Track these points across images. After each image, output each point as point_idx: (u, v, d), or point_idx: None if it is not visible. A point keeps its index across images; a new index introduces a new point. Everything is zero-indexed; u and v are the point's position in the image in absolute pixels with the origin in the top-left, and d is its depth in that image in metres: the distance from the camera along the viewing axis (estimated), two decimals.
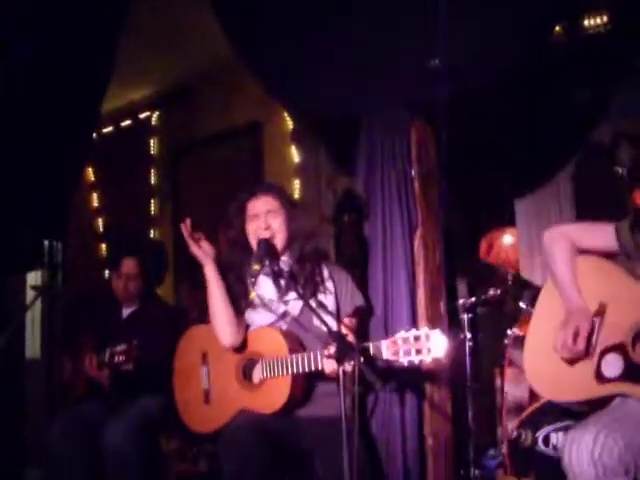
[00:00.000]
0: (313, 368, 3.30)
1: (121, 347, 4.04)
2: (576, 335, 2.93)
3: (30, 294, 5.28)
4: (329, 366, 3.24)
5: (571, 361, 2.96)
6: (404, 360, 3.12)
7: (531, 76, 4.35)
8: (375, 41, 3.98)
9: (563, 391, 3.02)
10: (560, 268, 3.07)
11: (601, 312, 2.97)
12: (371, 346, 3.19)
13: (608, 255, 3.05)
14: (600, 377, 2.90)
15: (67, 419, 4.13)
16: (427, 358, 3.10)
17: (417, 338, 3.11)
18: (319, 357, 3.28)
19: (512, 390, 4.30)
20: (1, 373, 4.20)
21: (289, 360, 3.35)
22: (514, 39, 3.84)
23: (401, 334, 3.15)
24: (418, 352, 3.09)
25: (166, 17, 5.48)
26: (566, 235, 3.11)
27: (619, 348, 2.88)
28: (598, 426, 2.61)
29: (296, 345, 3.45)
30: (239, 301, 3.59)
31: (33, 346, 6.13)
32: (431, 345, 3.08)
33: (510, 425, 3.99)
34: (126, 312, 4.57)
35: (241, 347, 3.55)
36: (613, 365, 2.88)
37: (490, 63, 3.90)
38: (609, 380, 2.88)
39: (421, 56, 3.93)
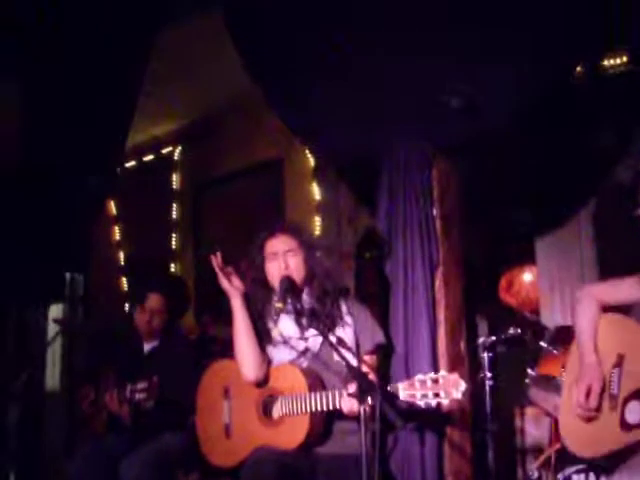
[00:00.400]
0: (331, 407, 3.31)
1: (142, 384, 4.05)
2: (588, 393, 2.96)
3: (52, 327, 5.30)
4: (347, 405, 3.26)
5: (587, 419, 2.98)
6: (421, 402, 3.12)
7: (552, 116, 4.38)
8: (397, 80, 4.03)
9: (594, 445, 3.06)
10: (581, 325, 3.19)
11: (619, 363, 3.05)
12: (389, 387, 3.21)
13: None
14: (625, 425, 2.91)
15: (89, 452, 4.12)
16: (444, 401, 3.11)
17: (435, 381, 3.12)
18: (337, 396, 3.29)
19: (532, 430, 4.29)
20: (21, 406, 4.20)
21: (308, 398, 3.37)
22: (536, 79, 3.86)
23: (419, 377, 3.16)
24: (436, 395, 3.10)
25: (189, 54, 5.55)
26: (591, 294, 3.24)
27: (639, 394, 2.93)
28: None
29: (316, 382, 3.46)
30: (260, 338, 3.61)
31: (53, 379, 6.13)
32: (449, 388, 3.09)
33: (531, 466, 3.96)
34: (147, 347, 4.56)
35: (263, 383, 3.56)
36: (636, 411, 2.90)
37: (511, 103, 3.93)
38: (634, 426, 2.89)
39: (443, 95, 3.96)
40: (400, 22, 3.99)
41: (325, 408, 3.33)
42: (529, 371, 4.34)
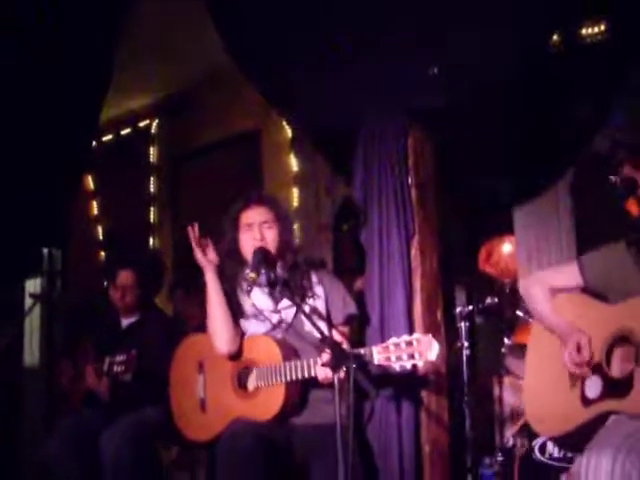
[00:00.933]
0: (306, 375, 3.30)
1: (120, 357, 4.05)
2: (579, 348, 2.98)
3: (29, 302, 5.27)
4: (322, 373, 3.24)
5: (582, 376, 3.01)
6: (396, 365, 3.11)
7: (529, 85, 4.35)
8: (373, 50, 3.99)
9: (558, 424, 3.08)
10: (541, 306, 3.26)
11: None
12: (362, 351, 3.19)
13: None
14: (585, 400, 2.95)
15: (65, 428, 4.12)
16: (419, 362, 3.10)
17: (409, 343, 3.10)
18: (312, 364, 3.28)
19: (509, 398, 4.30)
20: None
21: (282, 368, 3.36)
22: (512, 47, 3.84)
23: (393, 340, 3.14)
24: (410, 357, 3.08)
25: (165, 26, 5.50)
26: (539, 279, 3.34)
27: (597, 369, 2.98)
28: (612, 448, 2.63)
29: (290, 353, 3.45)
30: (233, 311, 3.58)
31: (31, 354, 6.11)
32: (423, 349, 3.07)
33: (507, 434, 3.98)
34: (125, 322, 4.55)
35: (236, 355, 3.54)
36: (594, 385, 2.96)
37: (487, 71, 3.91)
38: (593, 401, 2.93)
39: (419, 64, 3.94)
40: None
41: (300, 377, 3.31)
42: (505, 340, 4.37)
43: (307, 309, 3.26)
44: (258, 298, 3.60)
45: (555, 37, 4.52)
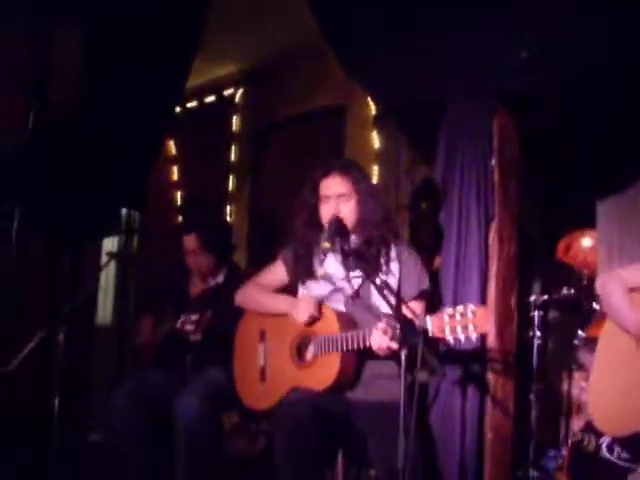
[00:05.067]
0: (361, 346, 3.28)
1: (194, 316, 4.10)
2: None
3: (105, 260, 5.35)
4: (376, 343, 3.22)
5: None
6: (450, 337, 3.01)
7: (622, 74, 4.23)
8: (462, 28, 3.92)
9: (628, 423, 3.07)
10: (619, 303, 3.21)
11: None
12: (416, 322, 3.09)
13: None
14: None
15: (134, 383, 4.17)
16: (472, 335, 2.99)
17: (463, 314, 2.98)
18: (367, 334, 3.26)
19: (579, 393, 4.21)
20: (71, 338, 4.26)
21: (337, 337, 3.36)
22: (608, 36, 3.72)
23: (447, 310, 3.03)
24: (464, 329, 2.97)
25: None
26: (617, 276, 3.31)
27: None
28: None
29: (349, 323, 3.45)
30: (302, 276, 3.61)
31: (104, 313, 6.22)
32: (477, 321, 2.95)
33: (573, 428, 3.90)
34: (207, 285, 4.58)
35: (298, 325, 3.55)
36: None
37: (580, 58, 3.80)
38: None
39: (509, 46, 3.85)
40: None
41: (355, 347, 3.30)
42: (579, 332, 4.27)
43: (378, 282, 3.22)
44: (331, 265, 3.59)
45: None
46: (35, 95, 5.08)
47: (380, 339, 3.19)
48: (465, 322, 2.97)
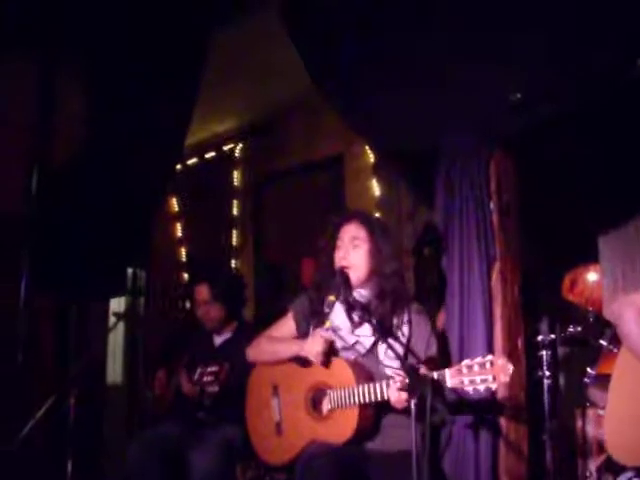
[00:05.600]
0: (379, 398, 3.27)
1: (212, 367, 4.09)
2: None
3: (113, 320, 5.37)
4: (394, 396, 3.21)
5: None
6: (469, 388, 3.04)
7: (618, 109, 4.27)
8: (456, 73, 3.97)
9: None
10: (631, 328, 3.15)
11: None
12: (435, 374, 3.12)
13: None
14: None
15: (148, 437, 4.16)
16: (492, 385, 3.02)
17: (482, 365, 3.02)
18: (385, 387, 3.25)
19: (592, 431, 4.18)
20: (81, 398, 4.26)
21: (355, 390, 3.34)
22: (598, 71, 3.77)
23: (466, 362, 3.08)
24: (483, 381, 3.00)
25: (250, 51, 5.57)
26: (632, 301, 3.22)
27: None
28: None
29: (364, 376, 3.43)
30: (315, 324, 3.60)
31: (114, 372, 6.22)
32: (497, 372, 2.99)
33: (589, 467, 3.87)
34: (218, 340, 4.60)
35: (310, 378, 3.55)
36: None
37: (573, 95, 3.84)
38: None
39: (503, 88, 3.90)
40: (460, 16, 3.94)
41: (373, 400, 3.29)
42: (589, 370, 4.25)
43: (384, 343, 3.24)
44: (338, 316, 3.58)
45: None
46: (37, 159, 5.14)
47: (399, 393, 3.17)
48: (483, 373, 3.00)
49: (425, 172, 4.28)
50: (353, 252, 3.55)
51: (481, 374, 3.01)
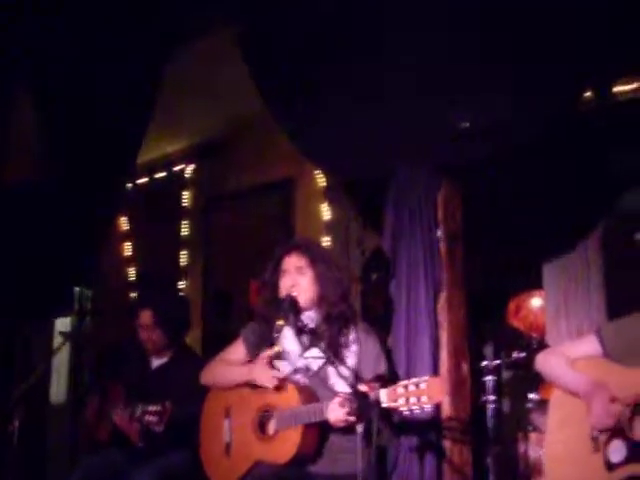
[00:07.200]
0: (318, 418, 3.32)
1: (154, 407, 4.00)
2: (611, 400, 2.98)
3: (58, 339, 5.32)
4: (332, 416, 3.26)
5: (612, 428, 3.00)
6: (404, 408, 3.07)
7: (561, 140, 4.38)
8: (404, 103, 4.05)
9: None
10: (560, 370, 3.25)
11: None
12: (371, 395, 3.14)
13: None
14: (609, 465, 2.95)
15: (91, 463, 4.14)
16: (427, 406, 3.07)
17: (417, 385, 3.06)
18: (325, 407, 3.30)
19: (535, 454, 4.25)
20: (25, 418, 4.22)
21: (297, 411, 3.39)
22: (543, 103, 3.87)
23: (402, 382, 3.12)
24: (419, 400, 3.04)
25: (201, 72, 5.59)
26: (556, 351, 3.37)
27: (620, 432, 2.98)
28: None
29: (310, 398, 3.47)
30: (262, 345, 3.63)
31: (58, 392, 6.16)
32: (430, 392, 3.03)
33: None
34: (156, 363, 4.56)
35: (260, 400, 3.58)
36: (618, 450, 2.97)
37: (518, 127, 3.94)
38: (618, 465, 2.94)
39: (450, 118, 3.98)
40: (410, 47, 4.03)
41: (312, 419, 3.34)
42: (532, 395, 4.33)
43: (336, 363, 3.29)
44: (288, 341, 3.61)
45: (588, 94, 4.55)
46: None
47: (337, 412, 3.23)
48: (418, 393, 3.04)
49: (376, 197, 4.34)
50: (300, 278, 3.61)
51: (416, 394, 3.04)
